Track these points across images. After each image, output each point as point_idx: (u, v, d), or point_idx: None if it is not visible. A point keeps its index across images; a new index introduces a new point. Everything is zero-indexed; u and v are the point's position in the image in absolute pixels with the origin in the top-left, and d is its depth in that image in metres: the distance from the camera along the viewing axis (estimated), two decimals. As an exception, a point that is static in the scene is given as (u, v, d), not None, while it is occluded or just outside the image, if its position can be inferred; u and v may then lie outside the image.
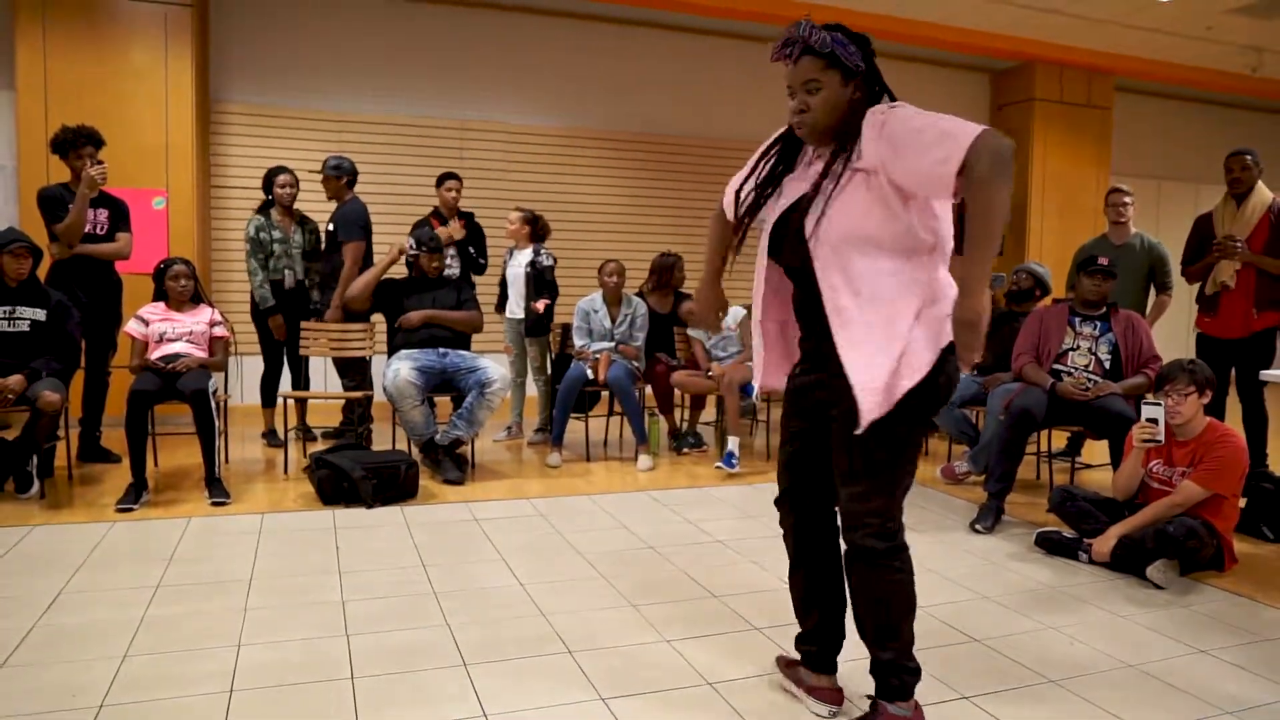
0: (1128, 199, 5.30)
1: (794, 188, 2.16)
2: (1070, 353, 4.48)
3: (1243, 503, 4.14)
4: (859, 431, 1.98)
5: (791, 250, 2.11)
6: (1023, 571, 3.56)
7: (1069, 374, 4.42)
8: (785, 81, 2.10)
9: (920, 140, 1.89)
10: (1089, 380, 4.37)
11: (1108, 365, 4.42)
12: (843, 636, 2.33)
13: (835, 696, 2.32)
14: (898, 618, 2.12)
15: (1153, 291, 5.39)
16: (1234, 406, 4.87)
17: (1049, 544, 3.80)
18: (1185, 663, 2.71)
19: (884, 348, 1.96)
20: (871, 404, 1.95)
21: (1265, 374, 4.25)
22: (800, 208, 2.09)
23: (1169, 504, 3.51)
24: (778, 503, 2.35)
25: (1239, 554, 3.72)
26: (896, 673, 2.14)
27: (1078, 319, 4.53)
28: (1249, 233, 4.72)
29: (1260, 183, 4.77)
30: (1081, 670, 2.64)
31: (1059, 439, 5.42)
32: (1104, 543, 3.56)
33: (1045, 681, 2.56)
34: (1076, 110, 9.04)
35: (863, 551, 2.09)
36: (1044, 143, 8.92)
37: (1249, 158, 4.73)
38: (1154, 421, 3.56)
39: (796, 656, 2.42)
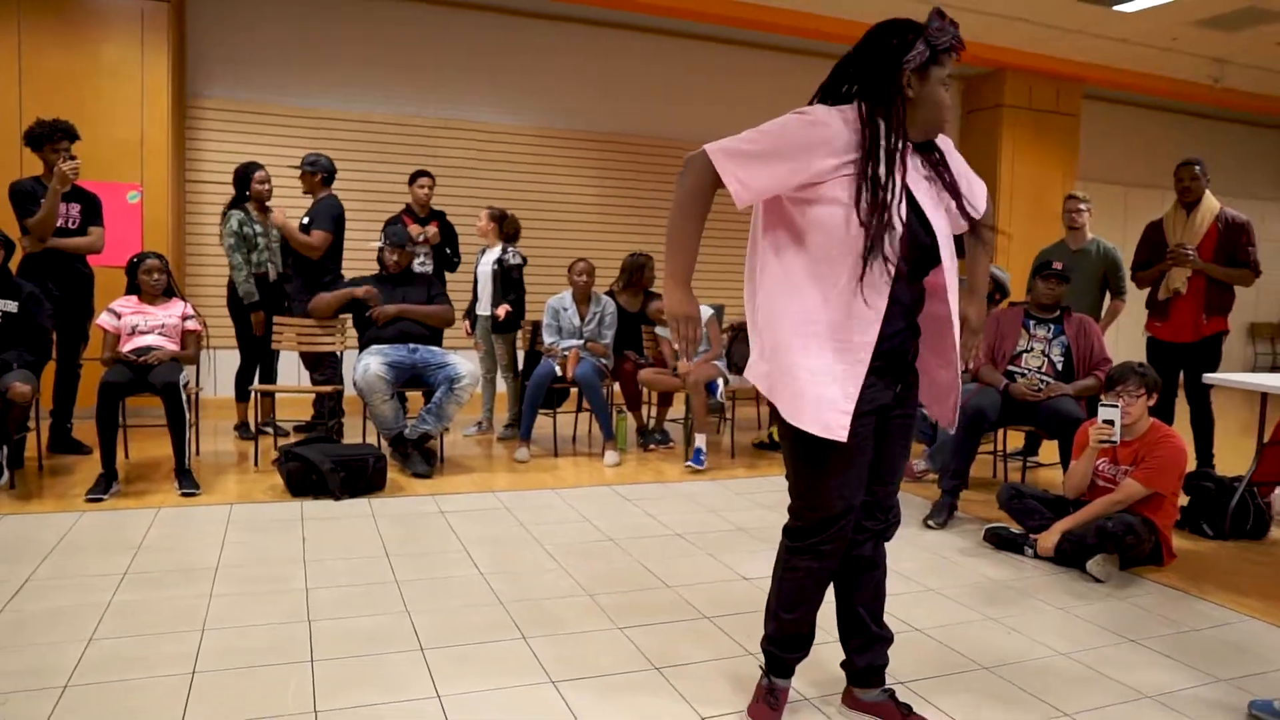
0: (1083, 205, 5.44)
1: (918, 189, 2.06)
2: (1024, 354, 4.61)
3: (1185, 501, 4.29)
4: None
5: (932, 257, 2.08)
6: (970, 566, 3.68)
7: (1022, 375, 4.55)
8: (950, 69, 2.02)
9: (970, 176, 2.21)
10: (1041, 381, 4.50)
11: (1060, 367, 4.56)
12: None
13: None
14: None
15: (1108, 296, 5.54)
16: (1182, 409, 5.02)
17: (997, 540, 3.93)
18: (1116, 652, 2.83)
19: None
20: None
21: (1208, 377, 4.39)
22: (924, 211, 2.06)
23: (1111, 501, 3.64)
24: (841, 526, 2.14)
25: (1179, 550, 3.86)
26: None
27: (1032, 321, 4.67)
28: (1199, 240, 4.87)
29: (1208, 192, 4.92)
30: (1015, 659, 2.76)
31: (1019, 439, 5.55)
32: (1048, 538, 3.69)
33: (978, 669, 2.67)
34: (1045, 117, 9.21)
35: (891, 535, 2.31)
36: (1013, 148, 9.09)
37: (1197, 168, 4.88)
38: (1110, 423, 3.68)
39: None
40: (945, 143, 2.16)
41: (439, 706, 2.32)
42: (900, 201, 1.97)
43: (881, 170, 1.95)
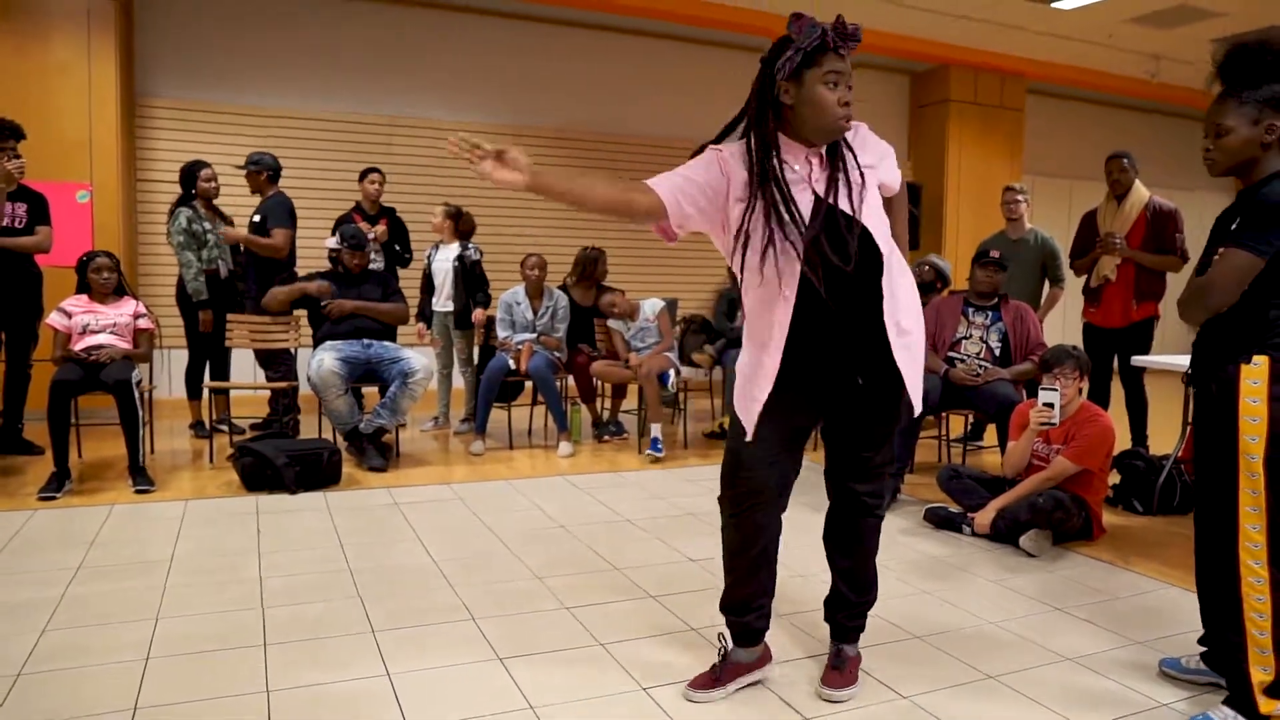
0: (1020, 197, 5.62)
1: (803, 194, 2.12)
2: (963, 341, 4.76)
3: (1117, 479, 4.47)
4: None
5: (844, 259, 2.09)
6: (910, 545, 3.82)
7: (961, 361, 4.70)
8: (831, 66, 2.04)
9: (881, 147, 2.28)
10: (979, 366, 4.65)
11: (998, 352, 4.71)
12: None
13: None
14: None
15: (1046, 284, 5.72)
16: (1119, 392, 5.20)
17: (936, 519, 4.07)
18: (1040, 620, 2.97)
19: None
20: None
21: (1137, 360, 4.57)
22: (841, 215, 2.11)
23: (1042, 478, 3.80)
24: (761, 504, 2.31)
25: (1111, 526, 4.03)
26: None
27: (971, 309, 4.81)
28: (1128, 229, 5.04)
29: (1138, 182, 5.10)
30: (946, 628, 2.88)
31: (966, 426, 5.71)
32: (984, 515, 3.83)
33: (911, 638, 2.80)
34: (990, 111, 9.42)
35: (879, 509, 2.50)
36: (959, 142, 9.28)
37: (1126, 160, 5.06)
38: (1050, 405, 3.82)
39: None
40: (857, 131, 2.21)
41: (388, 684, 2.40)
42: (789, 220, 2.06)
43: (771, 194, 2.08)
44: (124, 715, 2.20)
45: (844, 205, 2.13)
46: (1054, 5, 7.37)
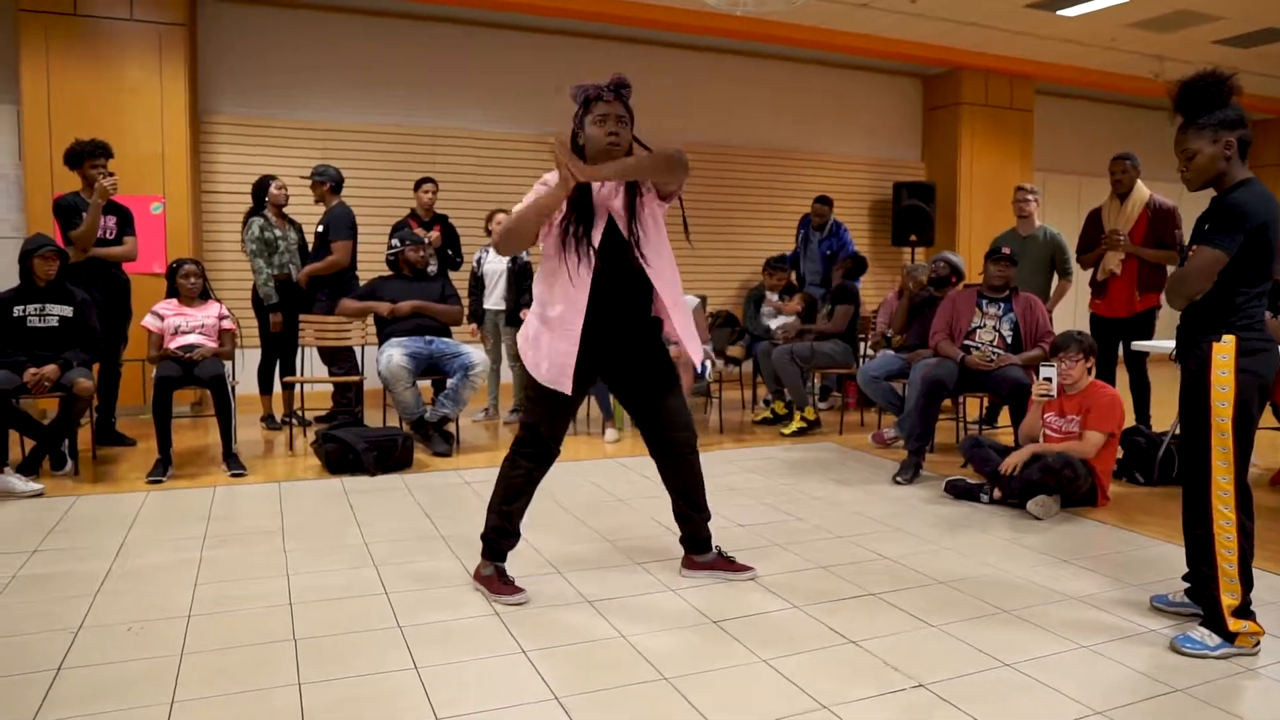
0: (1030, 196, 6.05)
1: (603, 211, 2.97)
2: (978, 330, 5.19)
3: (1121, 454, 4.89)
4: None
5: (625, 257, 2.96)
6: (932, 511, 4.26)
7: (976, 349, 5.13)
8: (598, 111, 2.92)
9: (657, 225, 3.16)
10: (993, 353, 5.08)
11: (1010, 340, 5.14)
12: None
13: None
14: None
15: (1055, 277, 6.14)
16: (1125, 377, 5.62)
17: (956, 490, 4.50)
18: (1050, 569, 3.40)
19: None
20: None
21: (1136, 344, 4.99)
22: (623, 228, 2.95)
23: (1078, 450, 4.19)
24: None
25: (1114, 494, 4.46)
26: None
27: (984, 301, 5.25)
28: (1130, 226, 5.46)
29: (1140, 182, 5.52)
30: (965, 575, 3.32)
31: (979, 410, 6.14)
32: (1018, 455, 4.20)
33: (934, 583, 3.24)
34: (1001, 112, 9.83)
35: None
36: (971, 142, 9.69)
37: (1128, 162, 5.48)
38: (1049, 380, 4.27)
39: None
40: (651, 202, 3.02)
41: (500, 622, 2.86)
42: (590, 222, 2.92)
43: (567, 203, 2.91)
44: (288, 644, 2.67)
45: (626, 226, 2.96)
46: (1058, 13, 7.78)
